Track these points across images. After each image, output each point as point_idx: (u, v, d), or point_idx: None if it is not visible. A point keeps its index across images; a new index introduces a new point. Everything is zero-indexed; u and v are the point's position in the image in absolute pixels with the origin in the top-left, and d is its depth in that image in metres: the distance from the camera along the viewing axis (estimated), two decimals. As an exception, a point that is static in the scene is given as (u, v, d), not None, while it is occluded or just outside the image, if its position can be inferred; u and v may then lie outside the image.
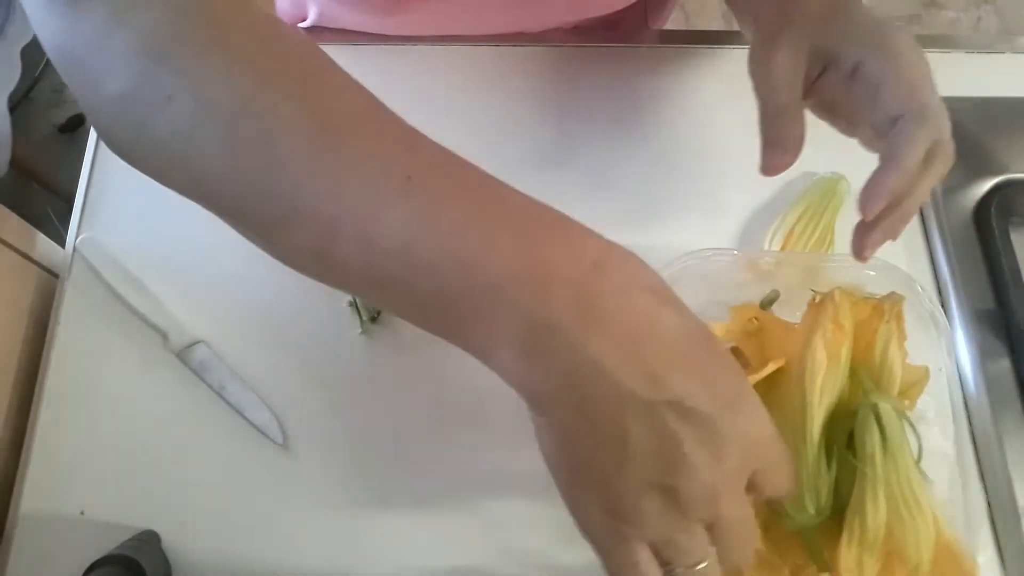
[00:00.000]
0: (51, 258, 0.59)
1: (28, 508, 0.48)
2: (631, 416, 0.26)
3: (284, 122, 0.27)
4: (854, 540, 0.39)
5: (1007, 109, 0.58)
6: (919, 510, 0.39)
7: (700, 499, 0.27)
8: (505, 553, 0.48)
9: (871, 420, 0.40)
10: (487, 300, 0.26)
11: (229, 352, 0.52)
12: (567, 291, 0.26)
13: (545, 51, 0.61)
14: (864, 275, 0.47)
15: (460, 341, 0.28)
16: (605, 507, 0.28)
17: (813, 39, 0.40)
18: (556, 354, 0.26)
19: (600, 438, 0.27)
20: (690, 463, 0.26)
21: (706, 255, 0.48)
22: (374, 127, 0.29)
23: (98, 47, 0.28)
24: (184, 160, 0.28)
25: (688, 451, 0.26)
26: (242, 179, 0.27)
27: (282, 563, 0.47)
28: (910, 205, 0.40)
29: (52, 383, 0.51)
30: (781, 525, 0.42)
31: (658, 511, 0.27)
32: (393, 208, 0.26)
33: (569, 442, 0.28)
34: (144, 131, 0.28)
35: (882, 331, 0.43)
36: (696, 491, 0.27)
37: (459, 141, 0.57)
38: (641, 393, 0.26)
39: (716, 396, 0.27)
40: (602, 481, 0.28)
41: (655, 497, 0.27)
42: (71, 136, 1.54)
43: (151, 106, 0.27)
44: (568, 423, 0.27)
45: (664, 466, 0.27)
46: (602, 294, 0.26)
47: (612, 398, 0.26)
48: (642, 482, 0.27)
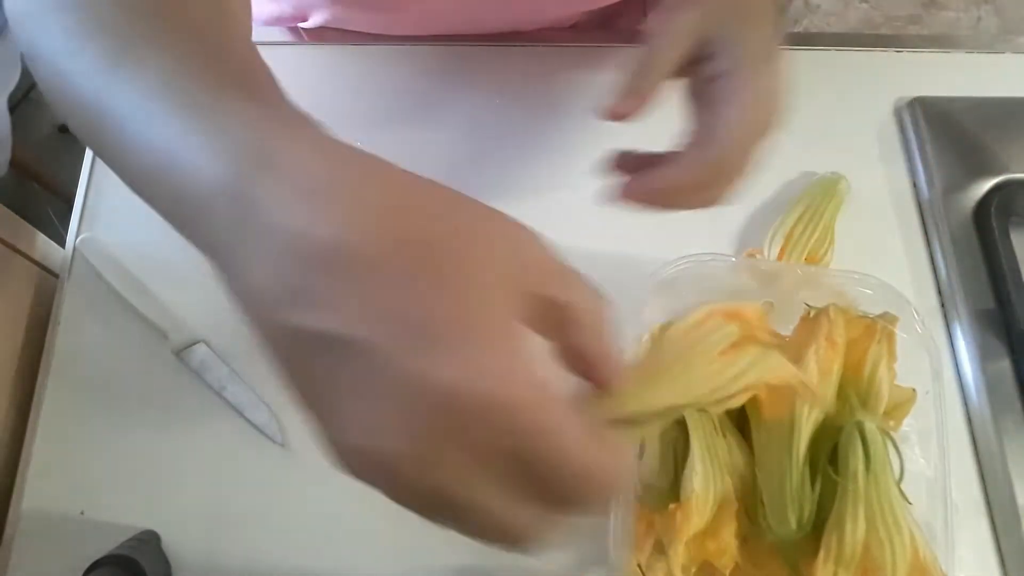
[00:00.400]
0: (51, 258, 0.59)
1: (28, 508, 0.48)
2: (278, 347, 0.22)
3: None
4: (831, 556, 0.39)
5: (1007, 109, 0.58)
6: (897, 529, 0.39)
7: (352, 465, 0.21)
8: (501, 553, 0.47)
9: (856, 438, 0.40)
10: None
11: (229, 352, 0.52)
12: (225, 200, 0.22)
13: (544, 51, 0.61)
14: (861, 293, 0.47)
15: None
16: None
17: (709, 25, 0.38)
18: (225, 269, 0.23)
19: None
20: (340, 416, 0.20)
21: (703, 259, 0.48)
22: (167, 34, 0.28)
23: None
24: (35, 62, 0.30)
25: (338, 400, 0.20)
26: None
27: (282, 563, 0.47)
28: (663, 203, 0.38)
29: (52, 383, 0.51)
30: (759, 537, 0.42)
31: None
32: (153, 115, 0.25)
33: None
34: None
35: (873, 351, 0.43)
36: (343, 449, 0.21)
37: (459, 140, 0.58)
38: (281, 317, 0.21)
39: (398, 327, 0.20)
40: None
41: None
42: (71, 136, 1.53)
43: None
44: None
45: (317, 415, 0.22)
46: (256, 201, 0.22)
47: (261, 323, 0.22)
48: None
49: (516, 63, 0.61)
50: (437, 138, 0.58)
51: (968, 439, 0.50)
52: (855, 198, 0.55)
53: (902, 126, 0.59)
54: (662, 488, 0.44)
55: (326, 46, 0.61)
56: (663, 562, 0.42)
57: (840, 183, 0.54)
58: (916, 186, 0.57)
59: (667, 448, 0.45)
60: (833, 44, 0.62)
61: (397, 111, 0.59)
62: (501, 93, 0.60)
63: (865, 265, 0.48)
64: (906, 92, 0.60)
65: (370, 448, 0.20)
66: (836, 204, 0.54)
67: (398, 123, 0.59)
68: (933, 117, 0.57)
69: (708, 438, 0.43)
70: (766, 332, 0.37)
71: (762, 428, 0.43)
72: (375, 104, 0.59)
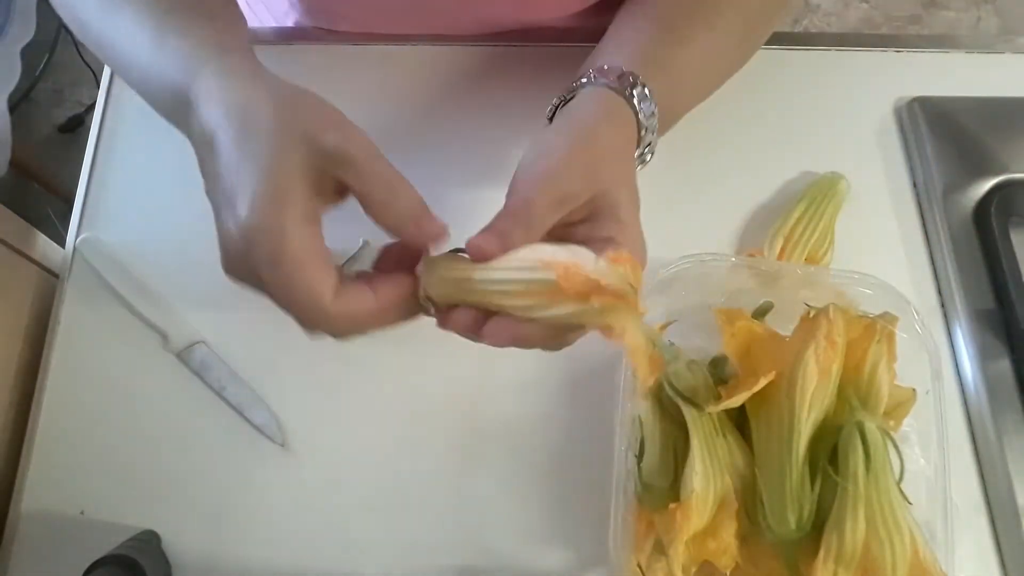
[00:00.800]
0: (51, 258, 0.59)
1: (28, 508, 0.48)
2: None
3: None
4: (831, 555, 0.39)
5: (1007, 109, 0.58)
6: (897, 529, 0.39)
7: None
8: (499, 553, 0.48)
9: (855, 438, 0.40)
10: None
11: (229, 352, 0.52)
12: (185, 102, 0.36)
13: (543, 51, 0.61)
14: (861, 293, 0.47)
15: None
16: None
17: (593, 191, 0.36)
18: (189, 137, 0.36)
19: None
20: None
21: (704, 259, 0.48)
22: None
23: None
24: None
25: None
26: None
27: (281, 563, 0.47)
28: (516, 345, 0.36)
29: (52, 383, 0.51)
30: (759, 537, 0.42)
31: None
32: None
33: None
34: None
35: (873, 351, 0.43)
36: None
37: (458, 140, 0.58)
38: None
39: (222, 196, 0.33)
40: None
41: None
42: (71, 136, 1.54)
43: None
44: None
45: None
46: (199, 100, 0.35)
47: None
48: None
49: (516, 63, 0.61)
50: (435, 136, 0.58)
51: (968, 439, 0.50)
52: (855, 198, 0.55)
53: (902, 126, 0.59)
54: (662, 488, 0.44)
55: (326, 46, 0.61)
56: (663, 562, 0.42)
57: (840, 183, 0.54)
58: (916, 186, 0.57)
59: (667, 448, 0.45)
60: (833, 44, 0.62)
61: (397, 111, 0.59)
62: (501, 93, 0.60)
63: (865, 265, 0.48)
64: (906, 92, 0.60)
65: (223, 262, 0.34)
66: (836, 204, 0.54)
67: (398, 123, 0.59)
68: (933, 117, 0.57)
69: (708, 438, 0.43)
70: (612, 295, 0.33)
71: (762, 428, 0.43)
72: (375, 104, 0.59)
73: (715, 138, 0.58)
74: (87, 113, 1.55)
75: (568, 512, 0.48)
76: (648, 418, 0.45)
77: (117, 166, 0.58)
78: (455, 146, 0.58)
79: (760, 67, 0.51)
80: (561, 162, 0.36)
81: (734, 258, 0.51)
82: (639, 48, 0.43)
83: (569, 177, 0.36)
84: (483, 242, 0.34)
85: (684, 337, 0.49)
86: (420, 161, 0.58)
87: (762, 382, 0.42)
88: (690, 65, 0.45)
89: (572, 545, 0.48)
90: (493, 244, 0.34)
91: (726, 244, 0.55)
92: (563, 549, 0.48)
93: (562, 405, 0.51)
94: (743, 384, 0.43)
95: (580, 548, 0.47)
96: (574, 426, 0.50)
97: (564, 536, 0.48)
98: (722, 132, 0.58)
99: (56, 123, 1.55)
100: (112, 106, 0.60)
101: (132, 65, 0.40)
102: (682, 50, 0.44)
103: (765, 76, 0.60)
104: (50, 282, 0.56)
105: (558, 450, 0.50)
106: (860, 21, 1.69)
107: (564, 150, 0.36)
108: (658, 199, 0.57)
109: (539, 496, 0.49)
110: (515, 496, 0.49)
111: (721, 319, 0.48)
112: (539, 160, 0.36)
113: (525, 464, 0.49)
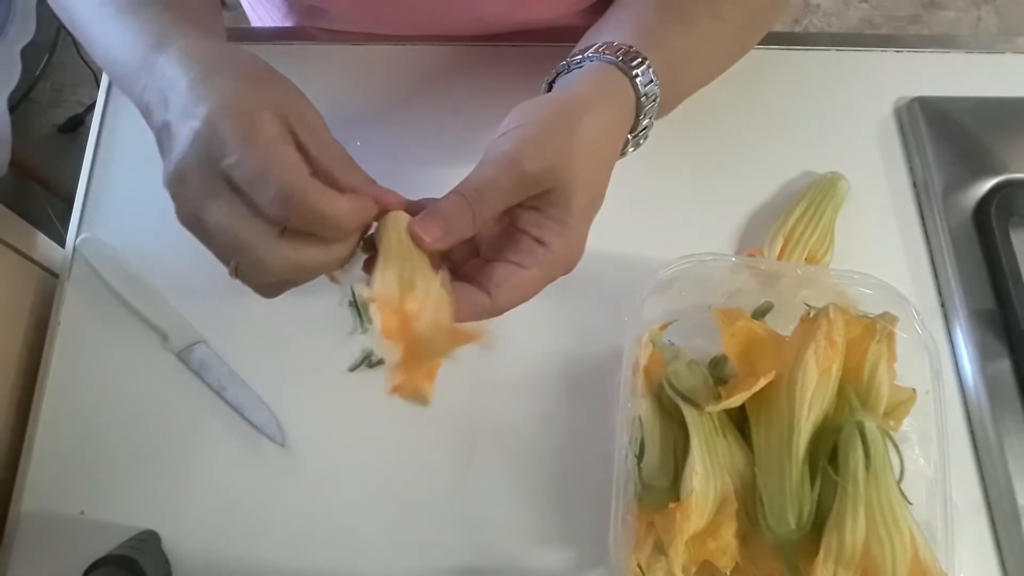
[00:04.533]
0: (51, 258, 0.59)
1: (28, 508, 0.48)
2: (157, 138, 0.36)
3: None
4: (831, 555, 0.39)
5: (1007, 109, 0.58)
6: (897, 529, 0.39)
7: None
8: (498, 554, 0.48)
9: (856, 438, 0.40)
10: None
11: (229, 352, 0.52)
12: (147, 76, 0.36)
13: (542, 51, 0.61)
14: (861, 293, 0.47)
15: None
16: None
17: (549, 180, 0.35)
18: (145, 107, 0.36)
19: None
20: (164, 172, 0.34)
21: (704, 259, 0.48)
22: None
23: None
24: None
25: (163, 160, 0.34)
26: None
27: (281, 563, 0.47)
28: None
29: (52, 383, 0.51)
30: (759, 537, 0.42)
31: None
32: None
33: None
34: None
35: (873, 351, 0.43)
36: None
37: (457, 139, 0.58)
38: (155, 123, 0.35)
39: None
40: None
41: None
42: (71, 136, 1.54)
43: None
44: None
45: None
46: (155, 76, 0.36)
47: (152, 126, 0.36)
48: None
49: (516, 63, 0.61)
50: (435, 136, 0.58)
51: (968, 439, 0.50)
52: (855, 198, 0.55)
53: (902, 126, 0.59)
54: (662, 488, 0.44)
55: (326, 46, 0.62)
56: (663, 562, 0.42)
57: (840, 183, 0.54)
58: (916, 186, 0.57)
59: (667, 448, 0.45)
60: (833, 44, 0.62)
61: (396, 111, 0.59)
62: (500, 93, 0.60)
63: (865, 265, 0.48)
64: (906, 92, 0.60)
65: (169, 191, 0.34)
66: (836, 204, 0.54)
67: (397, 122, 0.59)
68: (933, 117, 0.57)
69: (708, 438, 0.43)
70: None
71: (762, 428, 0.43)
72: (374, 104, 0.59)
73: (715, 138, 0.58)
74: (87, 113, 1.55)
75: (568, 512, 0.48)
76: (648, 418, 0.46)
77: (117, 166, 0.58)
78: (454, 146, 0.58)
79: (760, 67, 0.51)
80: (533, 142, 0.35)
81: (734, 258, 0.51)
82: (641, 27, 0.43)
83: (536, 158, 0.34)
84: (425, 230, 0.34)
85: (684, 337, 0.49)
86: (419, 160, 0.59)
87: (762, 382, 0.42)
88: (692, 49, 0.44)
89: (572, 545, 0.47)
90: (435, 233, 0.34)
91: (726, 244, 0.55)
92: (563, 549, 0.48)
93: (562, 405, 0.51)
94: (743, 384, 0.43)
95: (580, 548, 0.47)
96: (574, 426, 0.50)
97: (564, 536, 0.48)
98: (722, 132, 0.58)
99: (56, 123, 1.54)
100: (112, 106, 0.60)
101: (100, 33, 0.40)
102: (684, 33, 0.44)
103: (765, 76, 0.60)
104: (50, 282, 0.56)
105: (558, 450, 0.50)
106: (860, 21, 1.69)
107: (541, 126, 0.36)
108: (658, 199, 0.57)
109: (539, 496, 0.49)
110: (515, 496, 0.49)
111: (721, 319, 0.48)
112: (516, 131, 0.36)
113: (525, 464, 0.49)
